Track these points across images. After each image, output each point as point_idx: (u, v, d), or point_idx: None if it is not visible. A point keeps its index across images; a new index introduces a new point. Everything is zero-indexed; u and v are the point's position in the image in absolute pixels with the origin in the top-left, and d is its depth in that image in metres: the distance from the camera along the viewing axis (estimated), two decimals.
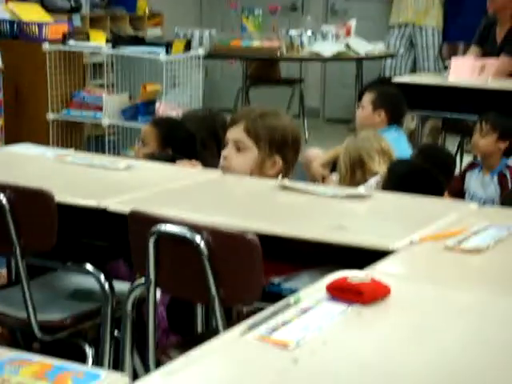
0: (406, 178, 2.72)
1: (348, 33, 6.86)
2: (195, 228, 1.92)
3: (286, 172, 2.50)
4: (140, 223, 2.02)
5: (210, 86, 7.20)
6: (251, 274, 1.90)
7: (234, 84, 7.41)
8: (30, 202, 2.20)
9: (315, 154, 3.92)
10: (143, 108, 5.39)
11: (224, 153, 2.53)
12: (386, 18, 7.63)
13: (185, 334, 2.49)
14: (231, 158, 2.50)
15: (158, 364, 2.00)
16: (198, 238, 1.90)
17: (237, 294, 1.94)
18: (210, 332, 2.02)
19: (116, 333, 2.31)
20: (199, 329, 2.38)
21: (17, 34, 5.62)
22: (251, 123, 2.48)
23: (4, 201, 2.19)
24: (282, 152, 2.48)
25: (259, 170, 2.48)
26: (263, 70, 7.10)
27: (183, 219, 1.96)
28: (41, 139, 4.86)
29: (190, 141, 3.14)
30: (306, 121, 7.31)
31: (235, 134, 2.51)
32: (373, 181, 2.98)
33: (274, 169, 2.48)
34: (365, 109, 3.97)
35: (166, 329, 2.60)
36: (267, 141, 2.46)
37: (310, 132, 7.20)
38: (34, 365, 1.23)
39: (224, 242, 1.91)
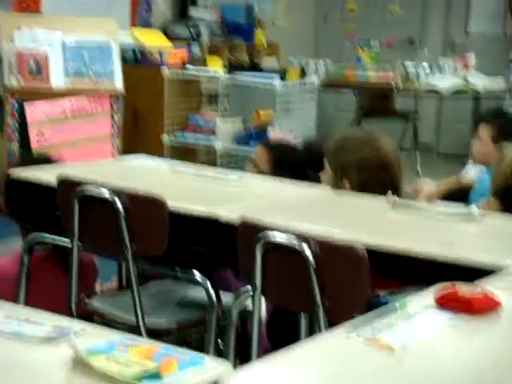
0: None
1: (466, 66, 6.77)
2: (303, 238, 1.92)
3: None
4: (249, 231, 2.04)
5: (322, 116, 7.22)
6: (357, 286, 1.88)
7: (346, 114, 7.41)
8: (144, 208, 2.26)
9: (425, 184, 3.85)
10: (256, 134, 5.46)
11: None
12: (506, 53, 7.48)
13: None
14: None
15: None
16: (305, 248, 1.90)
17: (342, 306, 1.92)
18: None
19: (220, 344, 2.33)
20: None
21: (139, 60, 5.82)
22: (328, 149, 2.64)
23: (119, 206, 2.26)
24: (346, 175, 2.52)
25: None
26: (377, 101, 7.07)
27: (291, 229, 1.96)
28: None
29: (302, 166, 3.15)
30: (418, 155, 7.22)
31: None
32: None
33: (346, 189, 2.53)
34: (484, 142, 3.86)
35: (266, 349, 2.59)
36: (332, 165, 2.56)
37: (423, 166, 7.11)
38: (143, 347, 1.25)
39: (332, 253, 1.90)
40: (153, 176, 2.66)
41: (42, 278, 2.62)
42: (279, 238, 1.95)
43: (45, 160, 2.94)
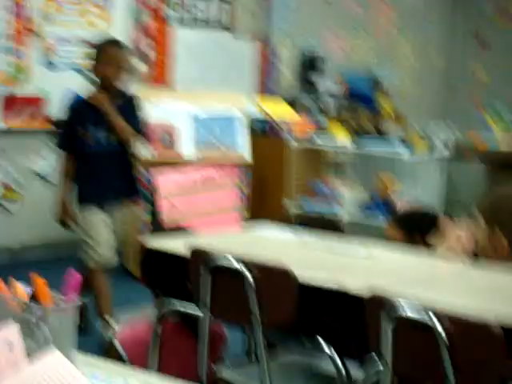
0: None
1: None
2: (435, 315, 1.89)
3: None
4: (377, 307, 2.02)
5: (451, 187, 7.12)
6: (493, 367, 1.83)
7: (476, 186, 7.26)
8: (274, 281, 2.28)
9: None
10: (382, 205, 5.44)
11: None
12: None
13: None
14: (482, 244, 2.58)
15: None
16: (437, 324, 1.87)
17: None
18: None
19: None
20: None
21: (266, 131, 5.95)
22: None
23: (249, 276, 2.30)
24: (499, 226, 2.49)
25: (490, 246, 2.52)
26: (507, 175, 6.90)
27: (422, 305, 1.93)
28: None
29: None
30: None
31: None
32: None
33: (502, 244, 2.49)
34: None
35: None
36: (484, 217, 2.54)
37: None
38: None
39: (465, 331, 1.86)
40: (281, 248, 2.68)
41: (174, 346, 2.67)
42: (409, 315, 1.92)
43: (176, 229, 3.03)
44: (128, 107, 4.12)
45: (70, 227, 4.10)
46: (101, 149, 4.00)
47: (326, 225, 3.04)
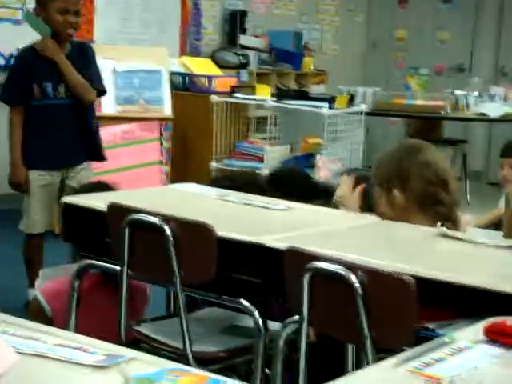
0: None
1: None
2: (350, 267, 1.92)
3: (422, 203, 2.48)
4: (296, 260, 2.04)
5: (370, 144, 7.22)
6: (405, 316, 1.87)
7: (394, 143, 7.38)
8: (192, 235, 2.28)
9: (465, 221, 3.77)
10: (303, 160, 5.48)
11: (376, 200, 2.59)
12: None
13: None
14: (378, 203, 2.57)
15: None
16: (353, 277, 1.90)
17: (389, 337, 1.91)
18: None
19: (267, 371, 2.33)
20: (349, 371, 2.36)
21: (188, 86, 5.90)
22: (372, 172, 2.64)
23: (168, 233, 2.29)
24: (393, 184, 2.48)
25: (389, 207, 2.50)
26: (425, 129, 7.03)
27: (339, 258, 1.97)
28: None
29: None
30: (468, 183, 7.16)
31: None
32: None
33: (401, 201, 2.48)
34: None
35: None
36: (377, 181, 2.54)
37: (473, 195, 7.04)
38: (192, 376, 1.27)
39: (379, 282, 1.90)
40: (201, 203, 2.68)
41: (94, 304, 2.66)
42: (327, 267, 1.95)
43: (103, 187, 2.99)
44: (81, 56, 3.84)
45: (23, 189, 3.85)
46: (48, 102, 3.75)
47: (247, 180, 3.04)
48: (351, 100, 5.73)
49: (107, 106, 5.31)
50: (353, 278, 1.90)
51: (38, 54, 3.74)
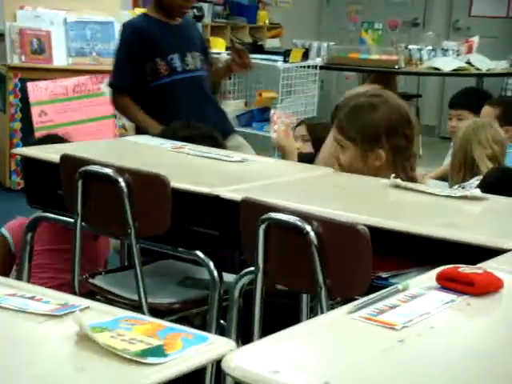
0: (495, 185, 2.63)
1: (470, 50, 6.75)
2: (305, 217, 1.93)
3: (397, 158, 2.46)
4: (251, 211, 2.04)
5: (324, 98, 7.22)
6: (360, 265, 1.89)
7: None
8: (147, 186, 2.26)
9: (421, 175, 3.83)
10: (258, 114, 5.46)
11: (334, 153, 2.55)
12: (507, 36, 7.46)
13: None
14: (339, 157, 2.51)
15: None
16: (308, 227, 1.91)
17: (344, 286, 1.93)
18: None
19: (222, 322, 2.34)
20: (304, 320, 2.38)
21: None
22: (342, 123, 2.49)
23: (122, 184, 2.27)
24: (379, 144, 2.44)
25: (365, 164, 2.46)
26: (379, 83, 7.03)
27: (294, 209, 1.97)
28: None
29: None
30: (421, 137, 7.22)
31: (334, 133, 2.54)
32: (474, 182, 2.94)
33: (378, 160, 2.45)
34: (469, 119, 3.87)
35: None
36: (359, 138, 2.44)
37: (425, 149, 7.10)
38: (147, 324, 1.26)
39: (334, 232, 1.91)
40: (156, 155, 2.66)
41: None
42: (282, 217, 1.95)
43: (55, 139, 2.95)
44: (195, 30, 3.44)
45: None
46: (177, 77, 3.24)
47: (203, 135, 3.01)
48: (306, 54, 5.71)
49: (58, 58, 5.21)
50: (308, 227, 1.91)
51: (155, 21, 3.26)
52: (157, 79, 3.23)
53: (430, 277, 1.54)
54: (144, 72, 3.21)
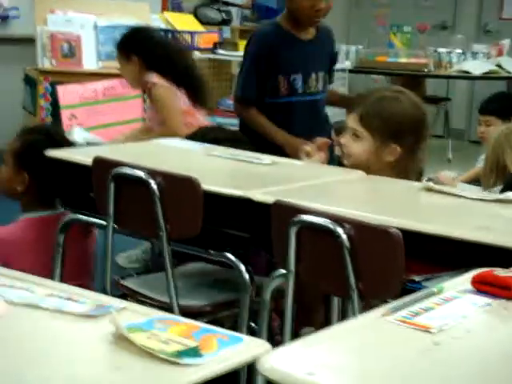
0: None
1: (500, 53, 6.70)
2: (337, 220, 1.92)
3: (408, 158, 2.45)
4: (283, 213, 2.04)
5: None
6: (392, 269, 1.88)
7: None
8: (178, 189, 2.27)
9: (445, 178, 3.77)
10: None
11: (342, 140, 2.51)
12: None
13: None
14: (349, 146, 2.47)
15: None
16: (340, 230, 1.91)
17: (376, 289, 1.92)
18: None
19: (253, 325, 2.34)
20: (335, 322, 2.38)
21: None
22: (365, 112, 2.44)
23: (154, 187, 2.28)
24: (398, 139, 2.42)
25: (376, 158, 2.44)
26: (408, 87, 6.99)
27: (326, 211, 1.97)
28: None
29: None
30: (450, 141, 7.18)
31: (351, 122, 2.48)
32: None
33: (391, 156, 2.43)
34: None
35: None
36: (380, 130, 2.41)
37: (454, 153, 7.07)
38: (182, 325, 1.27)
39: (366, 235, 1.90)
40: (187, 158, 2.67)
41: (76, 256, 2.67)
42: (314, 220, 1.95)
43: (42, 131, 2.94)
44: (329, 41, 3.25)
45: None
46: (296, 99, 3.09)
47: (231, 136, 3.02)
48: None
49: (88, 61, 5.25)
50: (340, 230, 1.90)
51: (286, 34, 3.09)
52: (275, 97, 3.14)
53: (464, 280, 1.53)
54: (264, 87, 3.11)
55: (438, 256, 2.00)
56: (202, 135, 2.89)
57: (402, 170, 2.44)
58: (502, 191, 2.45)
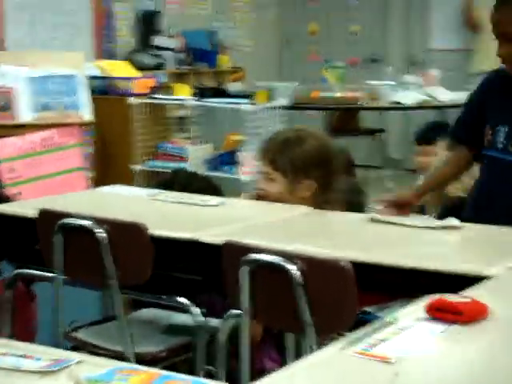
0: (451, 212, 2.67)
1: (430, 82, 6.86)
2: (288, 257, 1.94)
3: (325, 190, 2.58)
4: (234, 254, 2.05)
5: None
6: (345, 301, 1.90)
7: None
8: (126, 236, 2.26)
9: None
10: (227, 158, 5.48)
11: (258, 184, 2.68)
12: (466, 67, 7.61)
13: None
14: (264, 188, 2.64)
15: None
16: (292, 267, 1.92)
17: (330, 323, 1.94)
18: None
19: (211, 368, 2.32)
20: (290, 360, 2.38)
21: (106, 90, 5.82)
22: (272, 156, 2.62)
23: (101, 235, 2.26)
24: (308, 175, 2.57)
25: (292, 194, 2.58)
26: (343, 120, 7.14)
27: (276, 249, 1.98)
28: None
29: None
30: (388, 171, 7.29)
31: (263, 167, 2.65)
32: None
33: (308, 191, 2.57)
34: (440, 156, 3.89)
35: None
36: (289, 169, 2.58)
37: (393, 182, 7.17)
38: (142, 374, 1.26)
39: (318, 269, 1.92)
40: (132, 204, 2.66)
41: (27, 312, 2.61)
42: (265, 258, 1.96)
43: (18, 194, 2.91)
44: None
45: None
46: (495, 155, 2.60)
47: (171, 181, 3.03)
48: (270, 95, 5.75)
49: (23, 113, 5.20)
50: (291, 267, 1.91)
51: (503, 76, 2.63)
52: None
53: (417, 308, 1.55)
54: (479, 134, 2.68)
55: (388, 285, 2.03)
56: (184, 186, 2.88)
57: (323, 202, 2.56)
58: (440, 215, 2.50)
